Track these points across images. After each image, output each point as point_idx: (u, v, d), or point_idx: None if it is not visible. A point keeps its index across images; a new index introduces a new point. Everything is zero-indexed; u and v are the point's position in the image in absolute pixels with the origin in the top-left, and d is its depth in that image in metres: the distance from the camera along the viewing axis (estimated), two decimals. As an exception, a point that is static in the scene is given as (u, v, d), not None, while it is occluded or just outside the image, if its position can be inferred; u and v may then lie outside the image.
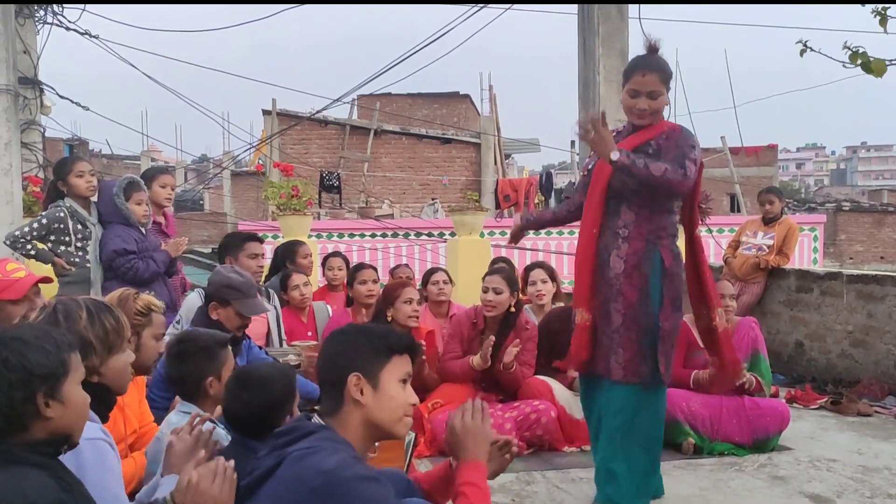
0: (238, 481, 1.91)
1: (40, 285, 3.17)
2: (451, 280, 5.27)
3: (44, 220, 4.52)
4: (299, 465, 1.81)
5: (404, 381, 2.04)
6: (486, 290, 4.49)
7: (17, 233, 4.53)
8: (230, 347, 2.87)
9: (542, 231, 14.28)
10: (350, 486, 1.77)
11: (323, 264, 5.90)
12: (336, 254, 5.97)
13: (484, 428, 2.09)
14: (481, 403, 2.14)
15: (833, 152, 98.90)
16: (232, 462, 1.90)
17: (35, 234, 4.50)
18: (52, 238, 4.54)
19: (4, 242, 4.66)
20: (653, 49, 3.20)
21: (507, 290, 4.46)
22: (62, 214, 4.52)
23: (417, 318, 4.46)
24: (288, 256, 5.44)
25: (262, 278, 4.98)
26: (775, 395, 5.19)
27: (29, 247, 4.49)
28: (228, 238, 4.88)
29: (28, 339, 1.62)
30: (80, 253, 4.55)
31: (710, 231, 9.50)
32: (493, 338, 4.35)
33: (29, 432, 1.59)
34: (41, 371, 1.59)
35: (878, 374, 5.71)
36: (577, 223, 3.39)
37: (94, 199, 4.69)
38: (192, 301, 4.11)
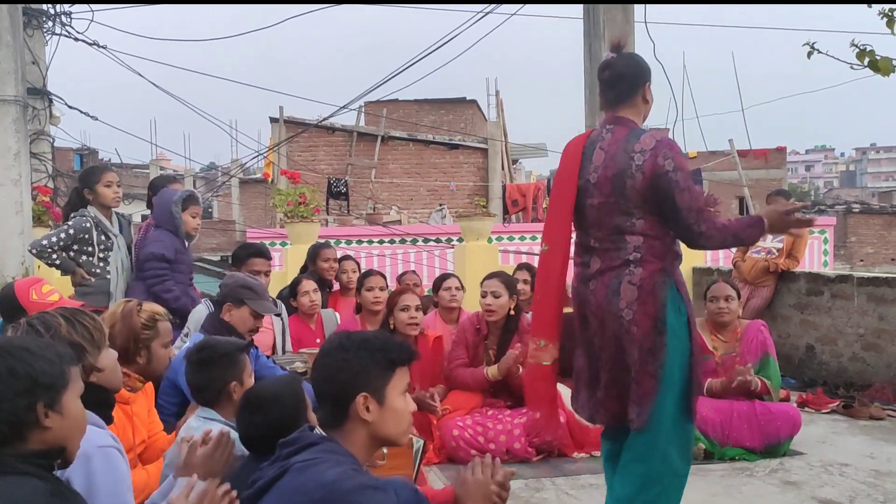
0: (240, 494, 1.92)
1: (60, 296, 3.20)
2: (462, 287, 5.27)
3: (70, 231, 4.53)
4: (301, 476, 1.81)
5: (405, 392, 2.06)
6: (484, 295, 4.49)
7: (44, 242, 4.52)
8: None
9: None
10: (351, 498, 1.78)
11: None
12: (347, 257, 5.94)
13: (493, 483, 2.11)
14: (494, 459, 2.15)
15: (842, 154, 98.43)
16: (227, 486, 1.92)
17: (62, 243, 4.52)
18: (76, 248, 4.56)
19: (31, 251, 4.70)
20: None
21: (505, 294, 4.46)
22: (88, 225, 4.55)
23: (417, 324, 4.45)
24: (311, 259, 5.47)
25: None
26: (786, 400, 5.16)
27: (55, 256, 4.51)
28: (239, 249, 4.97)
29: (33, 349, 1.64)
30: (101, 264, 4.58)
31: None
32: (514, 352, 4.33)
33: (26, 442, 1.59)
34: (45, 380, 1.61)
35: (890, 378, 5.67)
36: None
37: (119, 209, 4.77)
38: (199, 312, 4.14)
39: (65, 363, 1.67)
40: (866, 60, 3.15)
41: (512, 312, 4.50)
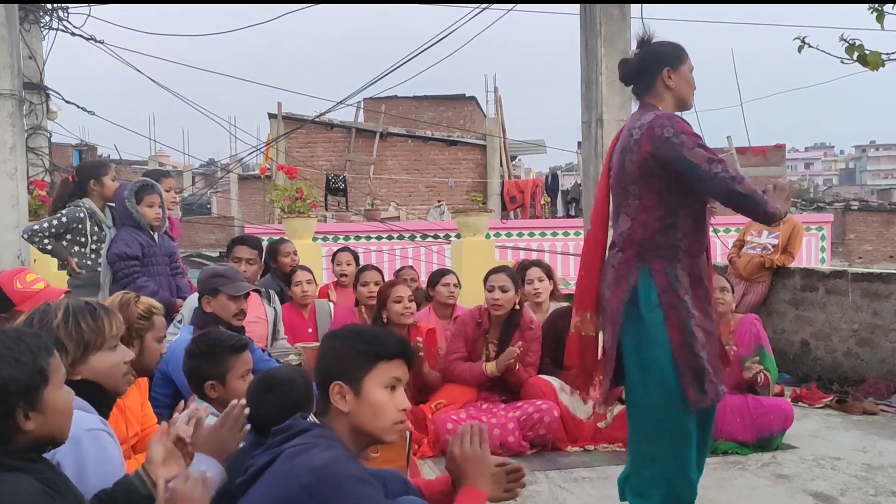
0: (233, 480, 1.93)
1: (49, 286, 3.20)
2: (459, 283, 5.29)
3: (63, 219, 4.58)
4: (292, 461, 1.82)
5: (392, 387, 1.99)
6: (491, 289, 4.47)
7: (35, 227, 4.57)
8: (247, 353, 2.83)
9: (549, 232, 14.30)
10: (339, 484, 1.78)
11: (333, 260, 5.94)
12: (345, 249, 5.97)
13: (484, 454, 2.05)
14: (480, 428, 2.10)
15: (842, 152, 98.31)
16: (209, 475, 1.87)
17: (54, 230, 4.56)
18: (69, 237, 4.60)
19: (22, 236, 4.80)
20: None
21: (512, 288, 4.47)
22: (81, 215, 4.59)
23: (411, 314, 4.47)
24: (270, 255, 5.45)
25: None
26: (780, 394, 5.18)
27: (46, 241, 4.54)
28: (230, 241, 5.06)
29: (1, 355, 1.54)
30: (92, 255, 4.60)
31: (715, 231, 9.52)
32: (514, 349, 4.34)
33: (11, 444, 1.55)
34: (18, 387, 1.53)
35: (884, 373, 5.68)
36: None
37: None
38: (192, 301, 4.17)
39: (40, 358, 1.58)
40: (855, 55, 3.17)
41: (517, 307, 4.51)
